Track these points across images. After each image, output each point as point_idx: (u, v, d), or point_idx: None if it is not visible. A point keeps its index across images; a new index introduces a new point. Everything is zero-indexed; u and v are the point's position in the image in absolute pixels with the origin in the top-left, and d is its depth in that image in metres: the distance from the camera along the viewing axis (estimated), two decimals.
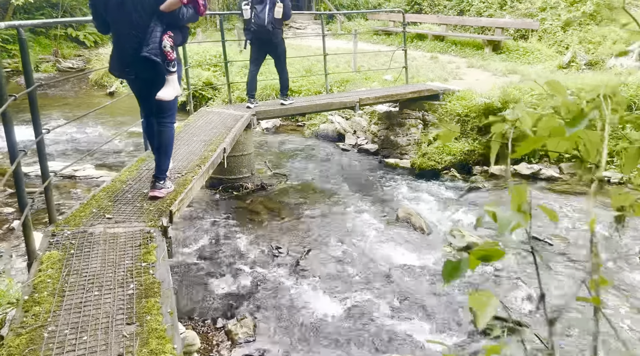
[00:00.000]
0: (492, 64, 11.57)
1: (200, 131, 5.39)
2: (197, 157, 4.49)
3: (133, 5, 3.17)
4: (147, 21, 3.19)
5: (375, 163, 7.76)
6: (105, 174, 6.92)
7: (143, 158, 4.41)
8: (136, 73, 3.33)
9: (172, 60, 3.30)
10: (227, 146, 4.86)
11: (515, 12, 16.12)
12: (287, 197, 6.40)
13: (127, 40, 3.24)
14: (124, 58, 3.31)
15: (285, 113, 6.69)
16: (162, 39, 3.21)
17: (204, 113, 6.21)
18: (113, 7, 3.20)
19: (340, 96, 7.26)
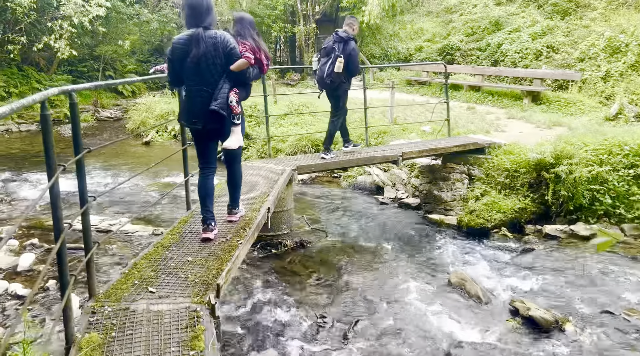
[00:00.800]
0: (534, 115, 11.26)
1: (242, 188, 5.18)
2: (241, 219, 4.25)
3: (206, 66, 3.54)
4: (217, 79, 3.58)
5: (418, 219, 7.40)
6: (141, 229, 6.76)
7: (185, 220, 4.20)
8: (204, 124, 3.66)
9: (237, 113, 3.71)
10: (270, 205, 4.63)
11: (551, 63, 15.93)
12: (328, 256, 6.07)
13: (197, 94, 3.61)
14: (194, 110, 3.66)
15: (327, 167, 6.48)
16: (229, 95, 3.61)
17: (244, 168, 6.03)
18: (189, 66, 3.56)
19: (383, 150, 7.03)
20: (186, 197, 4.40)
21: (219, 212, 4.24)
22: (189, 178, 4.38)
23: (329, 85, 6.09)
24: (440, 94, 15.33)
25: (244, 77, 3.70)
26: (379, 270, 5.72)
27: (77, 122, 2.73)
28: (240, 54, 3.62)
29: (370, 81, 18.07)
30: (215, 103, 3.54)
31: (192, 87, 3.63)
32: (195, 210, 4.44)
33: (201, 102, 3.59)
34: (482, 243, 6.40)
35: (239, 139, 3.80)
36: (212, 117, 3.59)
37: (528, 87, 12.90)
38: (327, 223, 7.24)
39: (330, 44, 6.08)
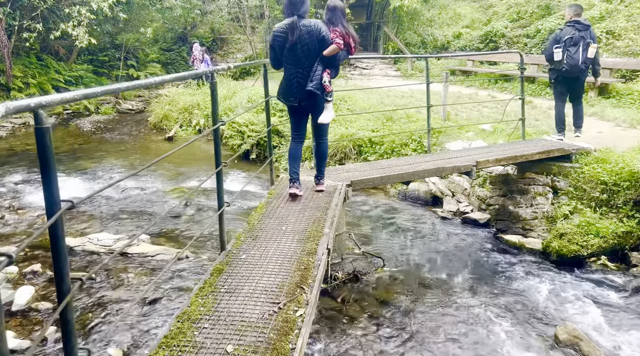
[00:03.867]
0: (606, 111, 9.80)
1: (288, 213, 4.05)
2: (293, 265, 3.11)
3: (301, 51, 4.05)
4: (311, 62, 4.08)
5: (490, 240, 6.17)
6: (162, 250, 5.71)
7: (219, 270, 3.07)
8: (299, 101, 4.20)
9: (330, 91, 4.20)
10: (330, 242, 3.47)
11: (612, 51, 14.32)
12: (389, 293, 4.91)
13: (294, 76, 4.14)
14: (291, 90, 4.19)
15: (388, 181, 5.28)
16: (322, 76, 4.09)
17: (286, 182, 4.90)
18: (287, 51, 4.08)
19: (450, 157, 5.80)
20: (220, 234, 3.29)
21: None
22: (223, 209, 3.25)
23: (581, 71, 6.37)
24: (488, 86, 13.91)
25: (335, 60, 4.15)
26: (456, 316, 4.53)
27: (48, 156, 1.59)
28: (331, 40, 4.04)
29: (408, 71, 16.70)
30: (311, 85, 4.03)
31: (290, 69, 4.14)
32: (232, 252, 3.31)
33: (297, 82, 4.12)
34: (579, 277, 5.14)
35: (331, 113, 4.28)
36: (308, 96, 4.11)
37: None
38: (380, 244, 6.07)
39: (576, 33, 6.27)
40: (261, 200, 4.39)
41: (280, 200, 4.38)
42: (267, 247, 3.40)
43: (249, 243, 3.47)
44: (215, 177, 3.20)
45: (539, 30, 16.60)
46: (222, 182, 3.25)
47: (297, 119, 4.41)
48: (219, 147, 3.19)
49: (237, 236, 3.59)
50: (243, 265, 3.14)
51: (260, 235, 3.61)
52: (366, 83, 14.91)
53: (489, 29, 18.28)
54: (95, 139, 13.37)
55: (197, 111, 14.12)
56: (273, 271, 3.04)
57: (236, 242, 3.48)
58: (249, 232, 3.67)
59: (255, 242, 3.48)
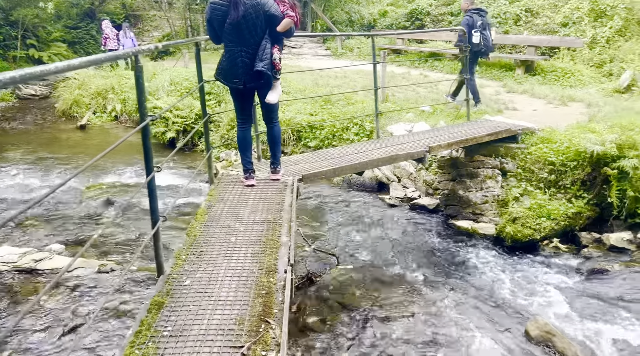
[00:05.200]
0: (535, 88, 9.99)
1: (236, 219, 3.46)
2: (252, 290, 2.56)
3: (247, 29, 3.62)
4: (258, 40, 3.66)
5: (442, 227, 5.95)
6: (81, 263, 4.88)
7: (159, 302, 2.44)
8: (244, 83, 3.78)
9: (279, 69, 3.77)
10: (291, 253, 2.95)
11: (532, 29, 14.79)
12: (346, 295, 4.50)
13: (238, 55, 3.71)
14: (235, 70, 3.76)
15: (340, 172, 4.81)
16: (272, 53, 3.70)
17: (228, 182, 4.27)
18: (229, 28, 3.65)
19: (401, 143, 5.44)
20: (156, 257, 2.64)
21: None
22: (159, 225, 2.61)
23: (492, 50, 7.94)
24: (419, 65, 13.83)
25: (288, 35, 3.78)
26: (418, 314, 4.22)
27: None
28: (282, 14, 3.64)
29: (338, 50, 16.26)
30: (262, 65, 3.64)
31: (232, 47, 3.72)
32: (172, 277, 2.69)
33: (242, 62, 3.71)
34: (536, 262, 5.04)
35: (279, 92, 3.91)
36: (256, 76, 3.73)
37: (521, 56, 11.62)
38: (331, 239, 5.64)
39: (484, 19, 7.56)
40: (201, 204, 3.75)
41: (224, 203, 3.77)
42: (215, 267, 2.81)
43: (192, 262, 2.86)
44: (147, 186, 2.54)
45: None
46: (155, 191, 2.60)
47: (243, 103, 4.01)
48: (150, 149, 2.53)
49: (176, 254, 2.96)
50: (189, 294, 2.54)
51: (205, 250, 3.00)
52: (296, 63, 14.27)
53: (414, 6, 18.24)
54: None
55: (112, 95, 12.78)
56: (228, 301, 2.47)
57: (176, 263, 2.86)
58: (191, 247, 3.05)
59: (200, 261, 2.88)
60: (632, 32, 12.96)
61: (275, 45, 3.74)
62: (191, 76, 11.15)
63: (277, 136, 4.14)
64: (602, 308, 4.20)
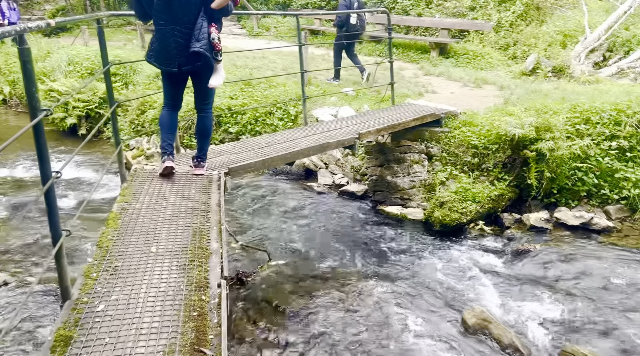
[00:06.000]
0: (451, 70, 10.25)
1: (155, 225, 3.03)
2: (181, 313, 2.21)
3: (180, 5, 3.31)
4: (192, 18, 3.35)
5: (371, 214, 5.86)
6: None
7: (66, 336, 2.01)
8: (179, 65, 3.44)
9: (220, 50, 3.48)
10: (224, 263, 2.61)
11: (442, 12, 15.21)
12: (280, 295, 4.24)
13: (170, 35, 3.38)
14: (168, 52, 3.43)
15: (269, 164, 4.47)
16: (209, 32, 3.39)
17: (144, 178, 3.78)
18: (159, 4, 3.33)
19: (329, 129, 5.21)
20: (59, 278, 2.17)
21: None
22: (62, 241, 2.15)
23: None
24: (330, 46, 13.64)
25: (225, 13, 3.52)
26: (354, 309, 4.08)
27: None
28: None
29: (254, 29, 15.64)
30: (198, 45, 3.34)
31: (163, 26, 3.40)
32: (82, 302, 2.26)
33: (175, 42, 3.40)
34: (464, 246, 5.11)
35: (222, 75, 3.60)
36: (192, 58, 3.41)
37: (436, 39, 11.87)
38: (259, 233, 5.33)
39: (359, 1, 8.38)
40: (112, 207, 3.26)
41: (140, 204, 3.31)
42: (135, 285, 2.41)
43: (106, 281, 2.43)
44: (44, 198, 2.07)
45: None
46: (54, 202, 2.13)
47: (175, 88, 3.66)
48: (45, 150, 2.06)
49: (85, 271, 2.51)
50: (103, 323, 2.13)
51: (121, 265, 2.58)
52: None
53: None
54: None
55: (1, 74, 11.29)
56: (152, 328, 2.11)
57: (85, 283, 2.41)
58: (103, 262, 2.60)
59: (115, 279, 2.45)
60: (532, 17, 13.73)
61: (213, 24, 3.41)
62: (92, 55, 10.08)
63: (209, 126, 3.80)
64: (528, 289, 4.33)
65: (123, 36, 14.81)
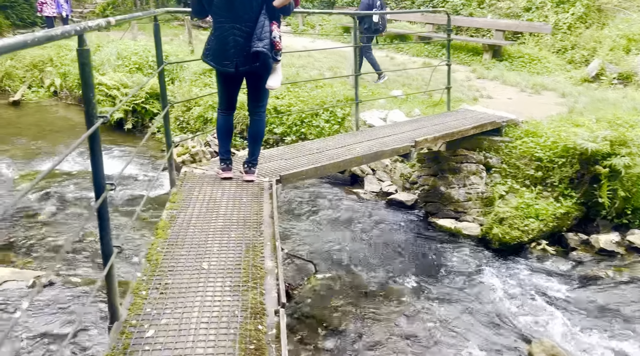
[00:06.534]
0: (506, 74, 9.75)
1: (206, 237, 2.84)
2: (235, 343, 2.00)
3: (241, 3, 3.17)
4: (253, 16, 3.21)
5: (422, 226, 5.55)
6: (12, 275, 4.10)
7: None
8: (236, 66, 3.29)
9: (280, 49, 3.30)
10: (281, 287, 2.39)
11: (495, 12, 14.60)
12: (327, 311, 4.00)
13: (230, 34, 3.25)
14: (226, 51, 3.29)
15: (323, 172, 4.23)
16: (271, 30, 3.22)
17: (193, 183, 3.61)
18: (219, 2, 3.21)
19: (383, 135, 4.92)
20: (109, 299, 2.00)
21: None
22: (112, 260, 1.97)
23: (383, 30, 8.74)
24: (383, 46, 13.32)
25: (286, 12, 3.38)
26: (409, 332, 3.80)
27: None
28: None
29: (299, 26, 15.46)
30: (261, 45, 3.16)
31: (223, 24, 3.26)
32: (130, 325, 2.07)
33: (234, 41, 3.25)
34: (525, 267, 4.73)
35: (280, 77, 3.42)
36: (251, 59, 3.25)
37: (490, 41, 11.36)
38: (304, 241, 5.11)
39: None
40: (161, 214, 3.09)
41: (191, 212, 3.14)
42: (186, 307, 2.21)
43: (155, 301, 2.24)
44: (96, 212, 1.89)
45: None
46: (107, 216, 1.95)
47: (231, 89, 3.51)
48: (100, 158, 1.87)
49: (134, 288, 2.33)
50: (153, 351, 1.94)
51: (171, 282, 2.39)
52: None
53: None
54: None
55: (51, 68, 11.50)
56: None
57: (135, 302, 2.23)
58: (153, 278, 2.42)
59: (165, 299, 2.27)
60: (592, 19, 12.97)
61: (274, 21, 3.26)
62: (140, 50, 10.14)
63: (262, 130, 3.64)
64: (600, 320, 3.94)
65: (170, 31, 14.90)
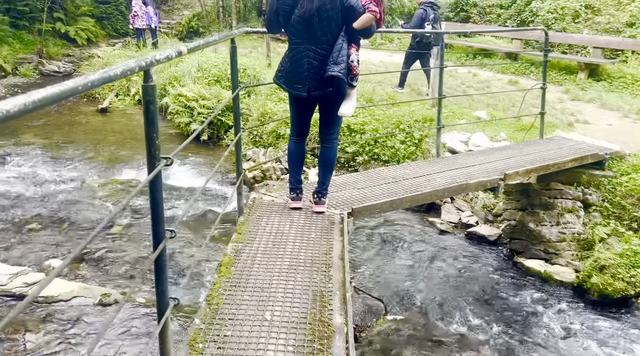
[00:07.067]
0: (604, 96, 8.84)
1: (271, 279, 2.60)
2: None
3: (319, 22, 2.98)
4: (330, 38, 3.03)
5: (505, 265, 5.01)
6: (81, 290, 4.11)
7: None
8: (308, 90, 3.10)
9: (357, 74, 3.13)
10: (351, 350, 2.09)
11: (592, 27, 13.48)
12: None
13: (305, 56, 3.07)
14: (299, 74, 3.10)
15: (400, 205, 3.87)
16: (349, 54, 3.05)
17: (262, 210, 3.41)
18: (296, 21, 3.02)
19: (467, 165, 4.48)
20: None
21: None
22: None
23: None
24: (465, 61, 12.70)
25: (367, 34, 3.17)
26: None
27: None
28: (362, 7, 2.97)
29: (377, 40, 15.19)
30: (337, 69, 2.95)
31: (298, 45, 3.06)
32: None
33: (309, 63, 3.05)
34: (630, 325, 4.07)
35: (354, 103, 3.21)
36: (325, 83, 3.03)
37: (586, 59, 10.41)
38: (373, 274, 4.76)
39: (436, 13, 7.90)
40: (225, 249, 2.90)
41: (256, 247, 2.92)
42: None
43: None
44: (154, 266, 1.69)
45: (514, 1, 15.53)
46: (165, 269, 1.74)
47: (303, 114, 3.32)
48: (161, 205, 1.67)
49: (191, 339, 2.12)
50: None
51: (230, 334, 2.16)
52: None
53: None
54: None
55: (137, 78, 12.05)
56: None
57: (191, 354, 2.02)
58: (212, 327, 2.20)
59: (223, 354, 2.03)
60: None
61: (353, 44, 3.07)
62: (220, 62, 10.31)
63: (333, 158, 3.40)
64: None
65: (249, 43, 15.19)
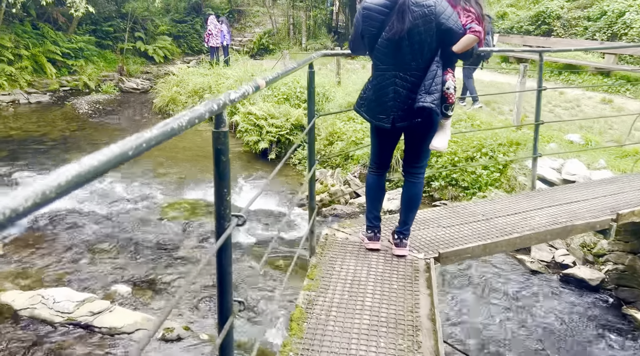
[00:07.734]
0: None
1: (349, 342, 2.23)
2: None
3: (410, 47, 2.59)
4: (422, 64, 2.63)
5: (610, 315, 4.31)
6: (144, 322, 3.94)
7: None
8: (393, 121, 2.72)
9: (453, 103, 2.75)
10: None
11: None
12: None
13: (391, 83, 2.70)
14: (383, 103, 2.73)
15: (494, 250, 3.38)
16: (444, 81, 2.67)
17: (335, 249, 3.06)
18: (384, 44, 2.64)
19: (569, 200, 3.88)
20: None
21: None
22: None
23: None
24: (550, 77, 11.79)
25: (467, 57, 2.74)
26: None
27: None
28: (463, 28, 2.55)
29: None
30: (430, 99, 2.56)
31: (384, 72, 2.69)
32: None
33: (395, 91, 2.68)
34: None
35: (448, 136, 2.81)
36: (412, 114, 2.66)
37: None
38: (456, 321, 4.24)
39: (489, 24, 7.07)
40: (297, 299, 2.57)
41: (330, 299, 2.56)
42: None
43: None
44: (219, 349, 1.37)
45: (604, 12, 14.36)
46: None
47: (386, 146, 2.95)
48: (229, 277, 1.36)
49: None
50: None
51: None
52: None
53: (541, 8, 16.02)
54: (91, 124, 11.61)
55: (209, 95, 12.26)
56: None
57: None
58: None
59: None
60: None
61: (448, 69, 2.70)
62: (289, 81, 10.19)
63: (419, 195, 3.00)
64: None
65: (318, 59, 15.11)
